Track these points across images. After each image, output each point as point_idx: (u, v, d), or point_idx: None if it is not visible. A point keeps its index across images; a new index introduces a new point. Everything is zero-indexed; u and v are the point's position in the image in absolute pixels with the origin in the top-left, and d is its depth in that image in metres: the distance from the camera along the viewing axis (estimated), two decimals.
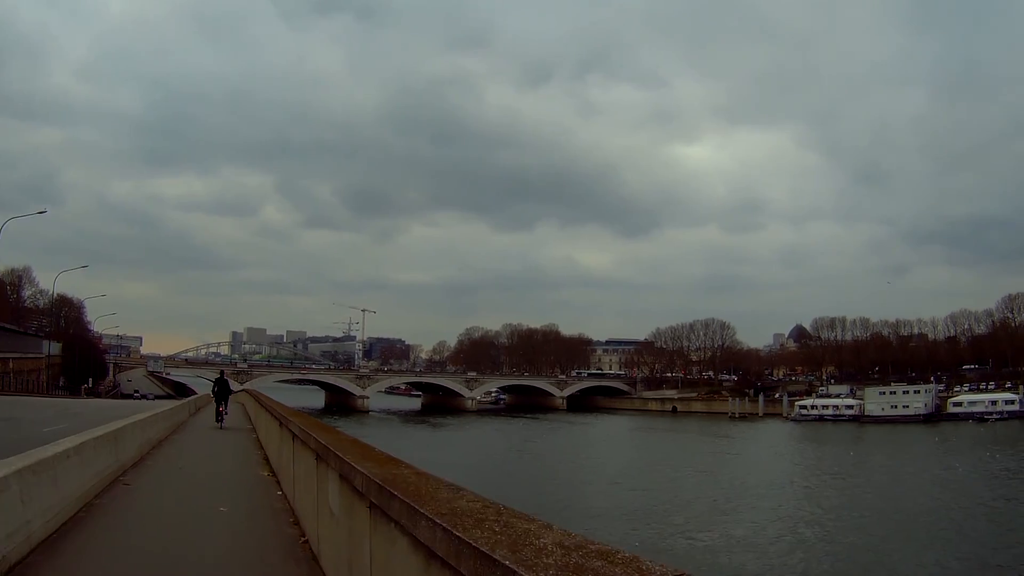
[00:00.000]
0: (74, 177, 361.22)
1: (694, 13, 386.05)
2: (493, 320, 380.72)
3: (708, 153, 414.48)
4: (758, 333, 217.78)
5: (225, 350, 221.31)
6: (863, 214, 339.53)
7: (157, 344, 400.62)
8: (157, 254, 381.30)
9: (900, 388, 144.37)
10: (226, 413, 36.94)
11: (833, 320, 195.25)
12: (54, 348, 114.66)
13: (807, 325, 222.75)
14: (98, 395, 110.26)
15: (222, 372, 42.81)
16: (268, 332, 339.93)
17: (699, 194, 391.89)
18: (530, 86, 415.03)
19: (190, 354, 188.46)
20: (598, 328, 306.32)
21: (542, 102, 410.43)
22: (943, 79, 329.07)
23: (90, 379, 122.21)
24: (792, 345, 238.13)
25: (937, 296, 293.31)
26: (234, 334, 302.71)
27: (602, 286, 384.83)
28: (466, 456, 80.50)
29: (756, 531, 43.30)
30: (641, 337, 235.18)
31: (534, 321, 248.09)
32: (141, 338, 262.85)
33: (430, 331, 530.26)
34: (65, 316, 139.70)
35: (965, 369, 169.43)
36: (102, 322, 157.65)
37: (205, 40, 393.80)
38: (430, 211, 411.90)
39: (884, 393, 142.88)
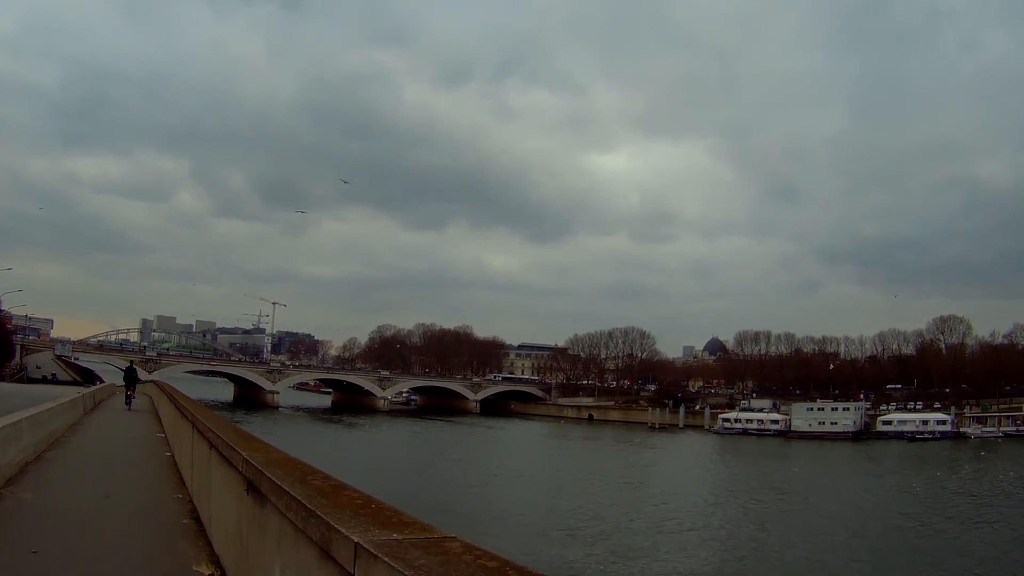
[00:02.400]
0: None
1: (613, 22, 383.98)
2: (402, 318, 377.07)
3: (622, 162, 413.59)
4: (667, 344, 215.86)
5: (135, 337, 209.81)
6: (775, 229, 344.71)
7: (68, 328, 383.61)
8: (69, 235, 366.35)
9: (828, 405, 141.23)
10: (134, 397, 41.75)
11: (757, 334, 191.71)
12: None
13: (723, 337, 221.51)
14: (1, 379, 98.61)
15: (131, 362, 55.07)
16: (178, 321, 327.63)
17: (611, 202, 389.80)
18: (447, 86, 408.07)
19: (99, 339, 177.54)
20: (508, 331, 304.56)
21: (459, 102, 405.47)
22: (860, 100, 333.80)
23: None
24: (708, 357, 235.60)
25: (847, 314, 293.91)
26: (144, 321, 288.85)
27: (509, 289, 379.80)
28: (384, 459, 75.86)
29: (694, 547, 39.55)
30: (553, 342, 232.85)
31: (444, 321, 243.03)
32: (52, 320, 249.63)
33: (338, 327, 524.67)
34: None
35: (890, 389, 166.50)
36: (10, 301, 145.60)
37: (128, 20, 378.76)
38: (341, 206, 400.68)
39: (812, 409, 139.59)
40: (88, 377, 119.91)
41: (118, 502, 12.48)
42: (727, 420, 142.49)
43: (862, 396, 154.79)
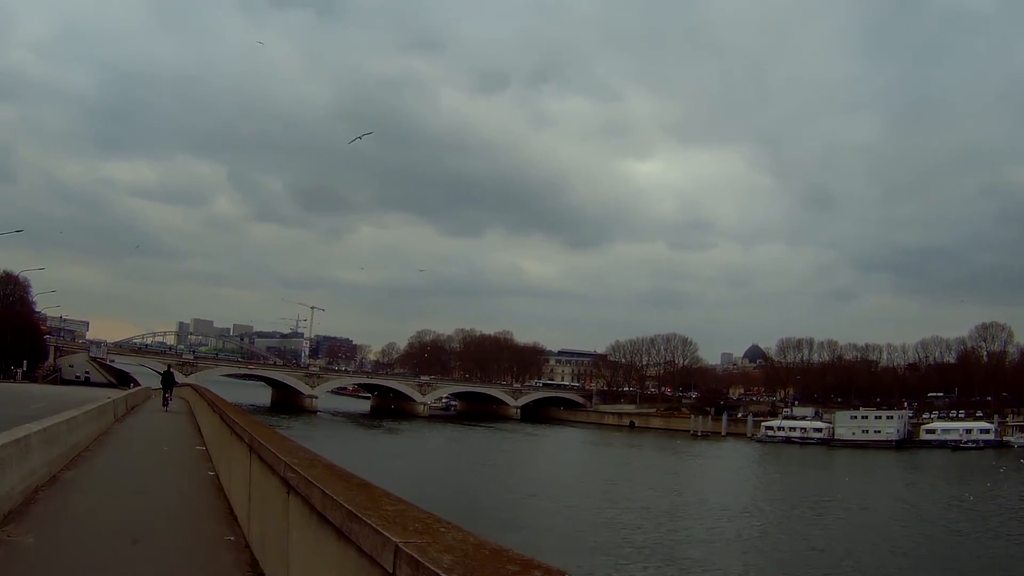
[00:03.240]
0: (27, 155, 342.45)
1: (647, 29, 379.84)
2: (439, 324, 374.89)
3: (659, 169, 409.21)
4: (703, 351, 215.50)
5: (171, 340, 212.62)
6: (810, 237, 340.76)
7: (103, 330, 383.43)
8: (105, 239, 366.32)
9: (872, 413, 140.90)
10: (171, 399, 44.53)
11: (800, 341, 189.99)
12: None
13: (762, 345, 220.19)
14: (34, 380, 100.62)
15: (169, 366, 55.79)
16: (215, 324, 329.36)
17: (648, 210, 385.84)
18: (484, 93, 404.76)
19: (136, 342, 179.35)
20: (545, 338, 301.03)
21: (495, 109, 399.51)
22: (893, 107, 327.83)
23: (25, 362, 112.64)
24: (748, 364, 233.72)
25: (882, 322, 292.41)
26: (180, 324, 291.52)
27: (546, 296, 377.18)
28: (428, 465, 75.52)
29: (752, 560, 39.57)
30: (592, 349, 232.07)
31: (483, 327, 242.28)
32: (88, 323, 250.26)
33: (375, 332, 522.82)
34: (8, 294, 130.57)
35: (931, 397, 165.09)
36: (45, 303, 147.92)
37: (162, 26, 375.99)
38: (379, 212, 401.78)
39: (855, 417, 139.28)
40: (123, 379, 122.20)
41: (150, 547, 9.71)
42: (770, 428, 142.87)
43: (905, 404, 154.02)
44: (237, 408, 18.76)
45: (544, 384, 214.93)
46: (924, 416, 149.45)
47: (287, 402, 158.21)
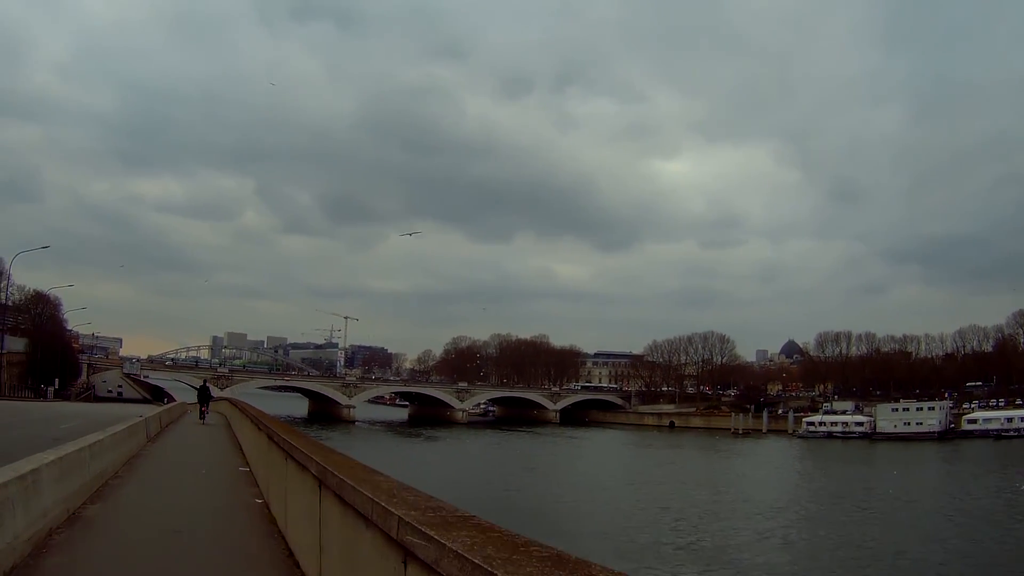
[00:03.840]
0: (53, 175, 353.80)
1: (668, 28, 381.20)
2: (473, 329, 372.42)
3: (687, 168, 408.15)
4: (739, 348, 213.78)
5: (205, 354, 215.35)
6: (839, 231, 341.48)
7: (136, 347, 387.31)
8: (134, 255, 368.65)
9: (913, 405, 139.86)
10: (208, 412, 46.68)
11: (838, 335, 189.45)
12: (17, 344, 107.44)
13: (799, 340, 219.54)
14: (67, 397, 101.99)
15: (205, 380, 58.16)
16: (248, 337, 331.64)
17: (678, 209, 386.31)
18: (508, 98, 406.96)
19: (170, 357, 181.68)
20: (581, 340, 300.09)
21: (520, 114, 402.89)
22: (917, 97, 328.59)
23: (57, 380, 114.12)
24: (784, 360, 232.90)
25: (914, 314, 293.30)
26: (214, 338, 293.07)
27: (578, 298, 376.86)
28: (471, 472, 76.14)
29: (807, 560, 38.98)
30: (628, 350, 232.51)
31: (518, 331, 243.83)
32: (121, 340, 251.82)
33: (410, 340, 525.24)
34: (39, 313, 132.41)
35: (970, 386, 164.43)
36: (76, 320, 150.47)
37: (184, 43, 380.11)
38: (407, 220, 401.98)
39: (897, 410, 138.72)
40: (158, 395, 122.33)
41: None
42: (811, 424, 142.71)
43: (944, 395, 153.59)
44: (286, 426, 16.83)
45: (582, 387, 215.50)
46: (964, 406, 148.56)
47: (324, 413, 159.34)
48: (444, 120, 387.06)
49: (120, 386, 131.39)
